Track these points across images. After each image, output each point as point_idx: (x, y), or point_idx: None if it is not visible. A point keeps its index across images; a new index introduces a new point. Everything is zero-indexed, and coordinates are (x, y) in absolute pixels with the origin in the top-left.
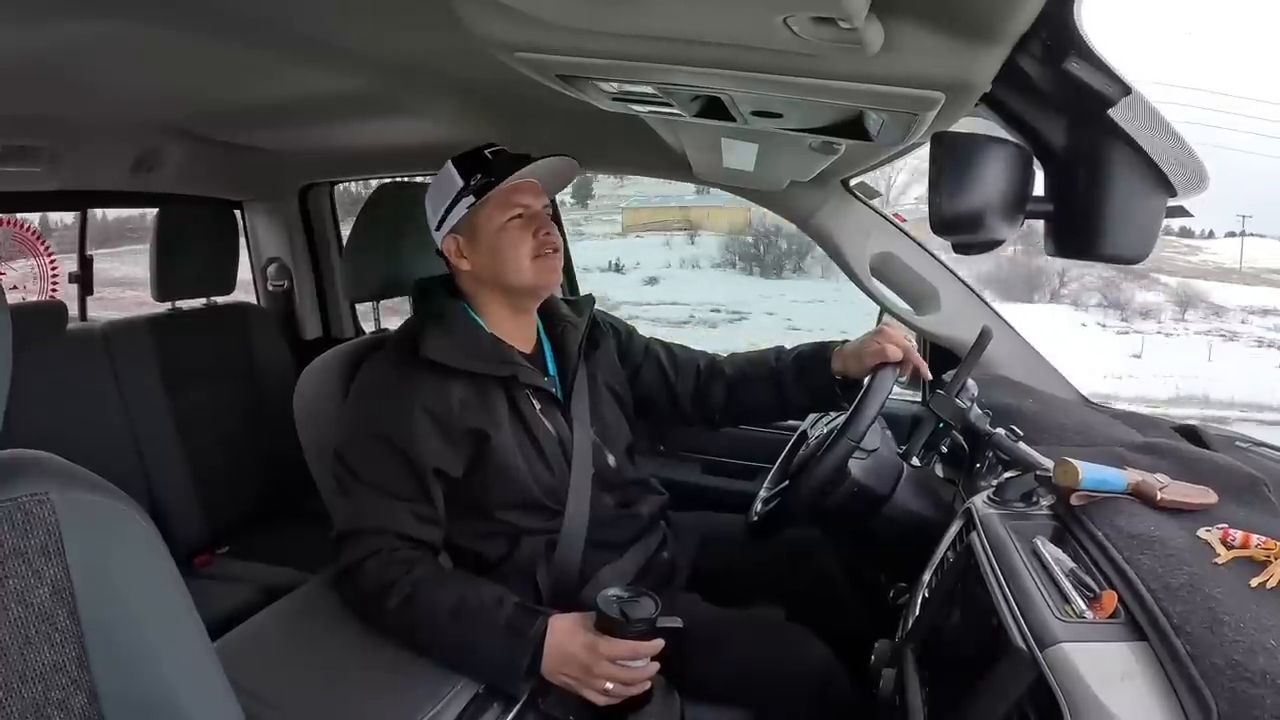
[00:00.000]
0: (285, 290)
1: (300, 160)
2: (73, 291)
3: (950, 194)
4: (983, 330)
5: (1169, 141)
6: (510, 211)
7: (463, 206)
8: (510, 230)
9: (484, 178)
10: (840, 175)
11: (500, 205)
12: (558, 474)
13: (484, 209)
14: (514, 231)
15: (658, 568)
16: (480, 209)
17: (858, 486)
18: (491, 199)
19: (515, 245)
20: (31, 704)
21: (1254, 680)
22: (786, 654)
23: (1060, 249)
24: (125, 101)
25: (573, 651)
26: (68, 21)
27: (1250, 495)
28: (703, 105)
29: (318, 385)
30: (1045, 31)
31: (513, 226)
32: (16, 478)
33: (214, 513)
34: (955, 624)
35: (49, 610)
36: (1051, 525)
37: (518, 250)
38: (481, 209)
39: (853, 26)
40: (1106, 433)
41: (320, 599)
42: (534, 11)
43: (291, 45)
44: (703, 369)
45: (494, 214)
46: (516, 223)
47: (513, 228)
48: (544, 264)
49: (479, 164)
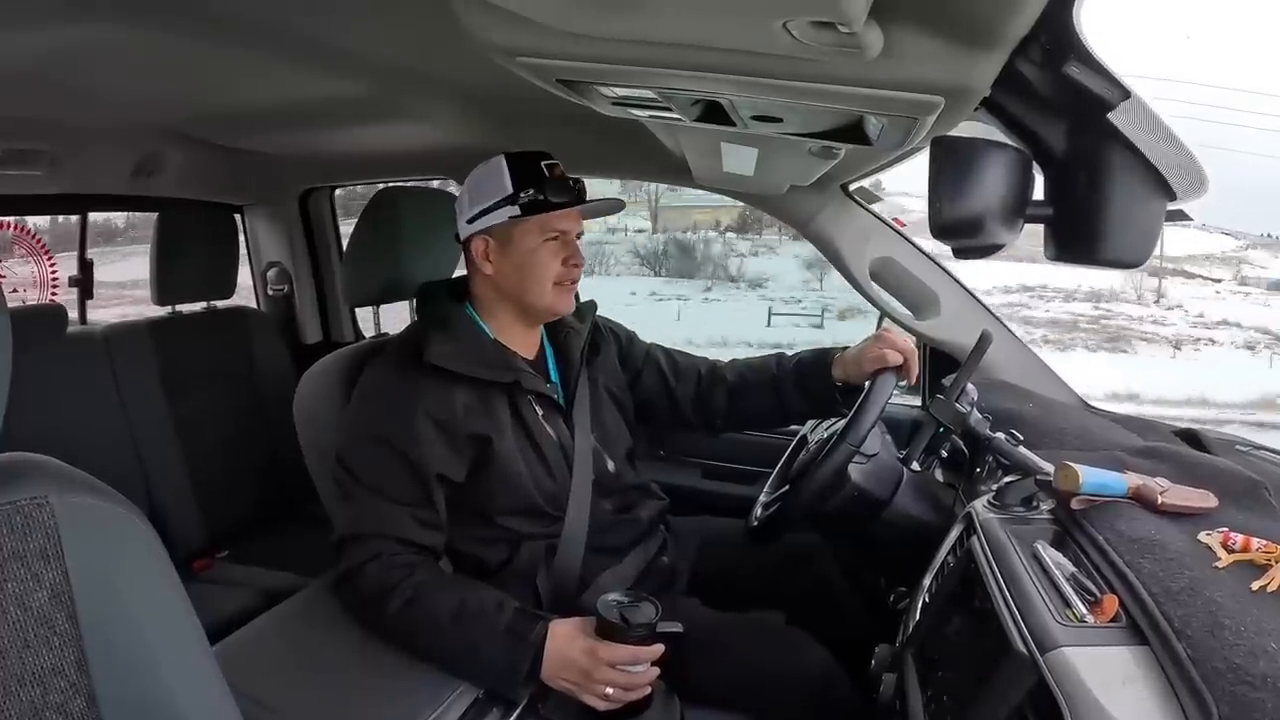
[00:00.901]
0: (285, 294)
1: (300, 164)
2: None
3: (950, 198)
4: (982, 334)
5: (1168, 145)
6: (549, 233)
7: (504, 214)
8: (544, 252)
9: (535, 194)
10: (840, 180)
11: (541, 226)
12: (559, 479)
13: (524, 224)
14: (546, 253)
15: (657, 572)
16: (520, 222)
17: (858, 491)
18: (535, 218)
19: (544, 267)
20: (30, 707)
21: (1255, 684)
22: (786, 658)
23: (1060, 253)
24: (126, 105)
25: (573, 656)
26: (68, 26)
27: (1251, 499)
28: (703, 110)
29: (318, 389)
30: (1044, 35)
31: (547, 249)
32: (16, 481)
33: (213, 517)
34: (956, 628)
35: (48, 614)
36: (1052, 529)
37: (545, 273)
38: (521, 223)
39: (852, 31)
40: (1106, 437)
41: (319, 603)
42: (535, 16)
43: (292, 49)
44: (703, 374)
45: (533, 231)
46: (552, 245)
47: (546, 250)
48: (563, 291)
49: (534, 177)
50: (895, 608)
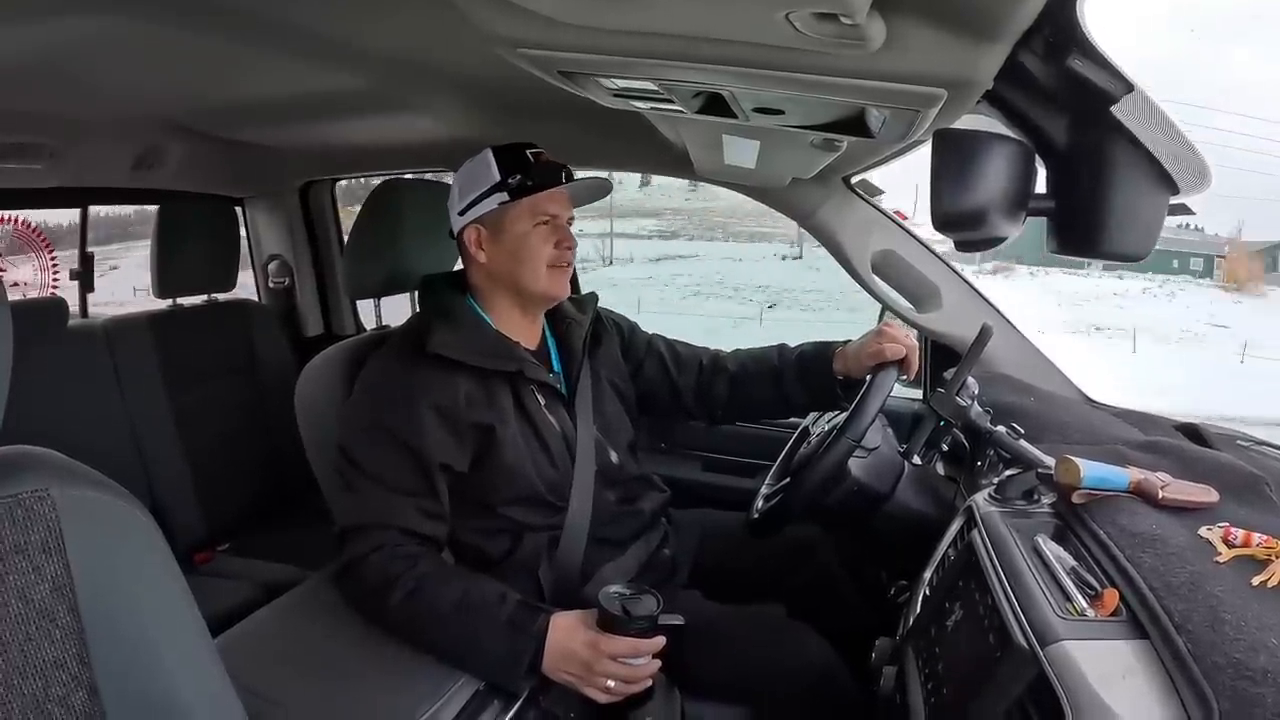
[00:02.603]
0: (286, 287)
1: (301, 157)
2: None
3: (952, 191)
4: (983, 328)
5: (1171, 138)
6: (539, 217)
7: (494, 201)
8: (535, 235)
9: (524, 178)
10: (842, 173)
11: (530, 209)
12: (561, 470)
13: (514, 209)
14: (537, 238)
15: (659, 564)
16: (510, 208)
17: (858, 485)
18: (524, 202)
19: (536, 251)
20: (32, 700)
21: (1255, 678)
22: (787, 651)
23: (1062, 246)
24: (126, 98)
25: (574, 649)
26: (68, 18)
27: (1251, 494)
28: (704, 102)
29: (319, 382)
30: (1048, 28)
31: (538, 233)
32: (17, 474)
33: (215, 509)
34: (956, 621)
35: (50, 606)
36: (1053, 523)
37: (537, 256)
38: (511, 208)
39: (855, 23)
40: (1108, 431)
41: (321, 595)
42: (536, 8)
43: (293, 41)
44: (705, 365)
45: (523, 216)
46: (543, 229)
47: (537, 234)
48: (558, 274)
49: (519, 163)
50: (896, 600)
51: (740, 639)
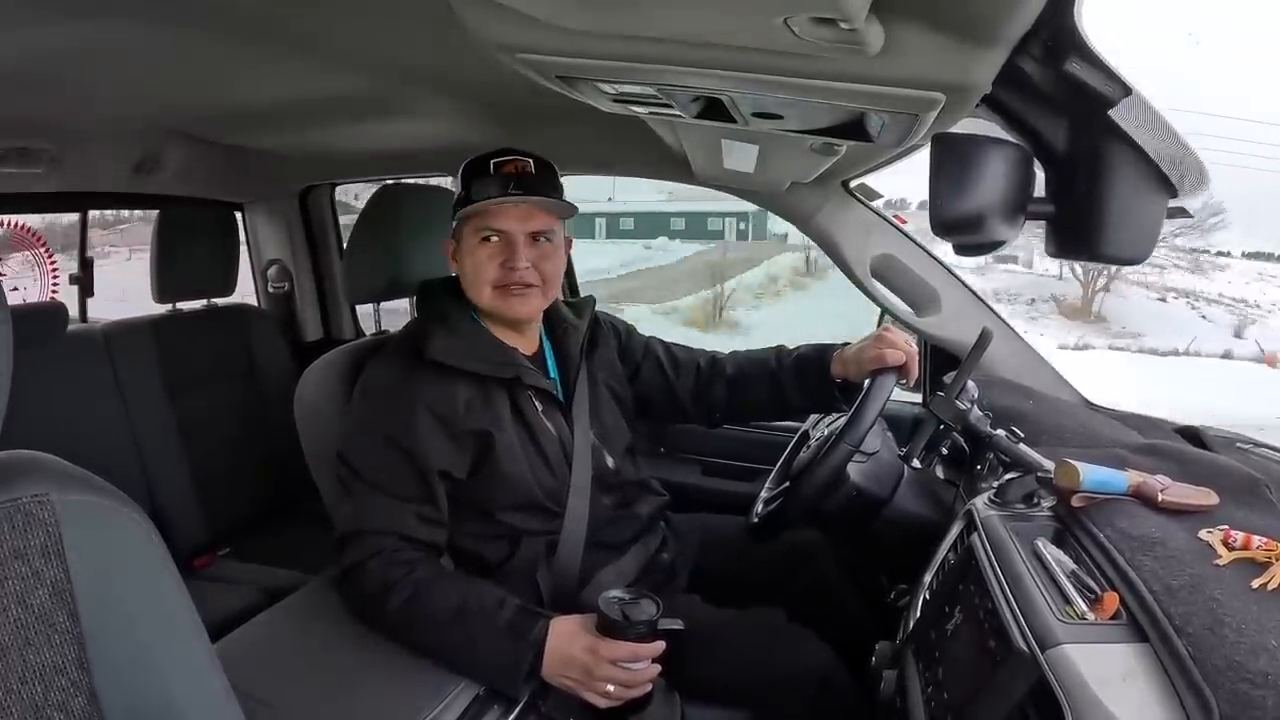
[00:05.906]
0: (286, 292)
1: (300, 162)
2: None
3: (951, 195)
4: (983, 332)
5: (1169, 142)
6: (481, 233)
7: (458, 213)
8: (480, 252)
9: (468, 192)
10: (841, 177)
11: (474, 224)
12: (559, 475)
13: (465, 223)
14: (483, 254)
15: (658, 569)
16: (464, 222)
17: (857, 490)
18: (469, 216)
19: (480, 268)
20: (31, 705)
21: (1255, 681)
22: (787, 655)
23: (1061, 250)
24: (126, 103)
25: (573, 654)
26: (68, 23)
27: (1251, 497)
28: (703, 106)
29: (319, 387)
30: (1045, 32)
31: (483, 250)
32: (16, 479)
33: (214, 514)
34: (956, 625)
35: (48, 611)
36: (1053, 527)
37: (480, 274)
38: (464, 223)
39: (853, 27)
40: (1107, 434)
41: (320, 601)
42: (535, 13)
43: (293, 47)
44: (703, 367)
45: (469, 230)
46: (488, 246)
47: (483, 251)
48: (505, 295)
49: (478, 172)
50: (896, 605)
51: (740, 643)
